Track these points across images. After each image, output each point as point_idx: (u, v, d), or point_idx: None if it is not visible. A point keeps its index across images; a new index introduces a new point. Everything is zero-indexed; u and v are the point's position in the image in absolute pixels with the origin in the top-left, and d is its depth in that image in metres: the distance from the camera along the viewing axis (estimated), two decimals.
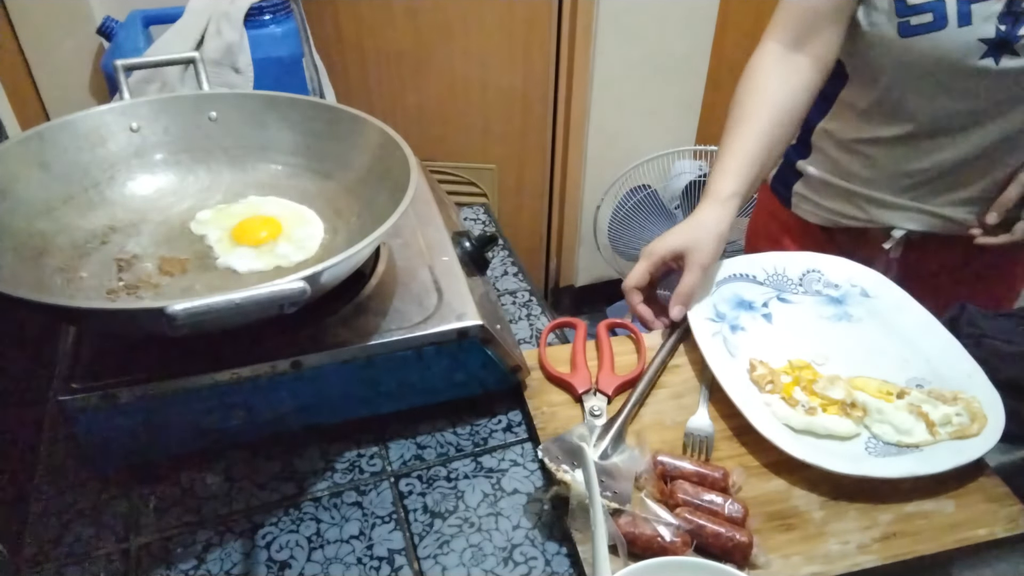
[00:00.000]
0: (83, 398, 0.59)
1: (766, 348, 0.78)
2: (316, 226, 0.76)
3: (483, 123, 2.01)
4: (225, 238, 0.73)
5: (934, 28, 0.78)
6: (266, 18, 1.42)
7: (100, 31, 1.46)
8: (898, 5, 0.80)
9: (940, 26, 0.78)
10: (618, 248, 2.00)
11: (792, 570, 0.60)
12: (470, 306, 0.69)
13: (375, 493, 0.68)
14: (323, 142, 0.81)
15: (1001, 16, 0.76)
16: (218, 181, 0.81)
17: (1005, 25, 0.76)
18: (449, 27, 1.84)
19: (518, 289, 0.96)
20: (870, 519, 0.64)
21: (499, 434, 0.74)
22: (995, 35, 0.77)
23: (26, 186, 0.69)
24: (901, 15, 0.80)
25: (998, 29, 0.76)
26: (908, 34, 0.80)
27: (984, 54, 0.78)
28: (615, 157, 2.00)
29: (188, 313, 0.48)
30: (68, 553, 0.63)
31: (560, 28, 1.85)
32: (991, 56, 0.78)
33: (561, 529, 0.65)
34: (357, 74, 1.90)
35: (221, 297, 0.49)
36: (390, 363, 0.67)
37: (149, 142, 0.79)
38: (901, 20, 0.80)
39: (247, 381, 0.63)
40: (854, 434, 0.70)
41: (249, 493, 0.68)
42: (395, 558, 0.63)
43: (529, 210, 2.19)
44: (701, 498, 0.63)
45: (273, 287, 0.51)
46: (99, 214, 0.74)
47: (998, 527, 0.63)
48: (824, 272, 0.85)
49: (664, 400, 0.75)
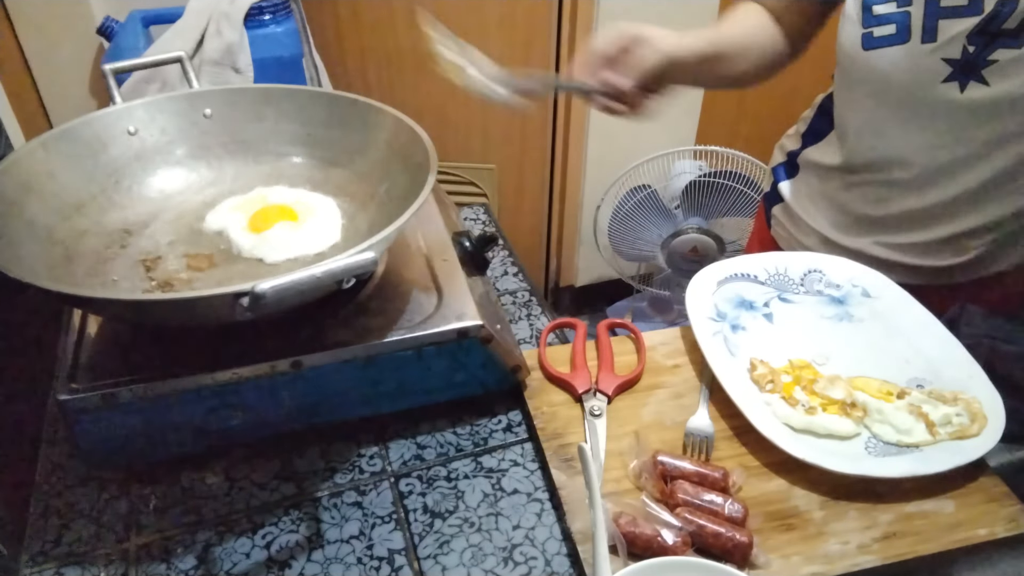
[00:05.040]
0: (83, 398, 0.59)
1: (767, 348, 0.78)
2: (332, 211, 0.77)
3: (483, 123, 2.00)
4: (244, 230, 0.74)
5: (895, 41, 0.71)
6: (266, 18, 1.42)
7: (100, 31, 1.46)
8: (864, 15, 0.73)
9: (902, 39, 0.71)
10: (618, 248, 2.00)
11: (792, 570, 0.60)
12: (470, 306, 0.69)
13: (375, 493, 0.68)
14: (325, 130, 0.81)
15: (971, 35, 0.68)
16: (222, 176, 0.82)
17: (975, 46, 0.68)
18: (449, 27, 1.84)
19: (518, 289, 0.96)
20: (870, 519, 0.64)
21: (499, 434, 0.74)
22: (961, 55, 0.68)
23: (39, 197, 0.69)
24: (866, 25, 0.73)
25: (965, 50, 0.68)
26: (870, 47, 0.73)
27: (947, 77, 0.70)
28: (615, 157, 1.99)
29: (276, 290, 0.49)
30: (68, 553, 0.63)
31: (560, 28, 1.85)
32: (955, 80, 0.70)
33: (561, 529, 0.65)
34: (357, 74, 1.90)
35: (303, 273, 0.51)
36: (390, 363, 0.67)
37: (148, 144, 0.80)
38: (865, 31, 0.73)
39: (247, 381, 0.63)
40: (854, 434, 0.70)
41: (249, 493, 0.68)
42: (395, 558, 0.63)
43: (529, 210, 2.19)
44: (701, 498, 0.63)
45: (348, 259, 0.53)
46: (112, 219, 0.75)
47: (998, 527, 0.63)
48: (825, 272, 0.85)
49: (664, 400, 0.75)
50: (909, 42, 0.71)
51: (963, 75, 0.70)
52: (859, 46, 0.75)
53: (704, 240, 1.87)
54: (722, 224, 1.91)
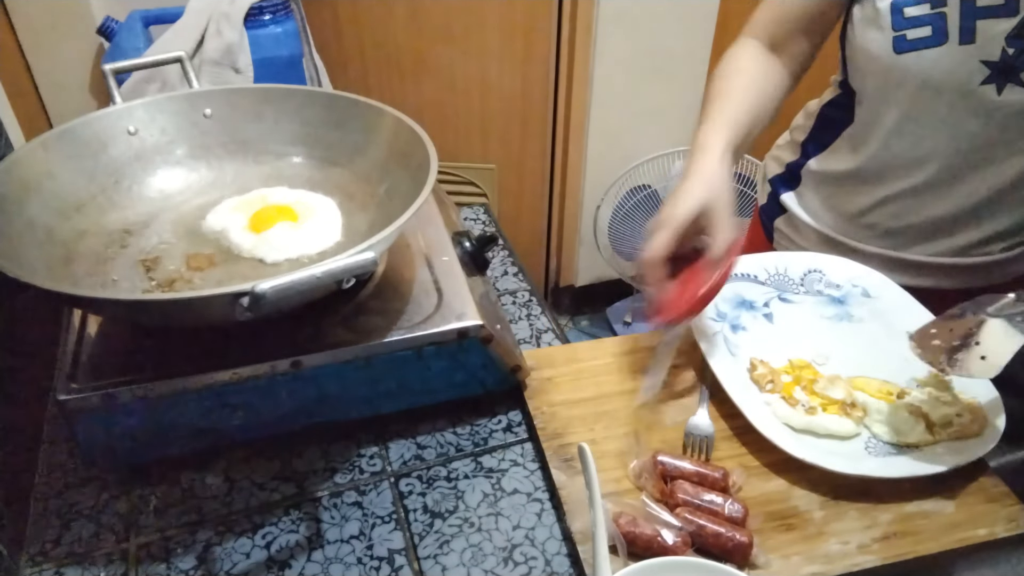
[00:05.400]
0: (83, 398, 0.59)
1: (767, 348, 0.78)
2: (332, 211, 0.77)
3: (483, 123, 2.01)
4: (244, 230, 0.74)
5: (932, 44, 0.71)
6: (266, 18, 1.42)
7: (100, 31, 1.46)
8: (894, 18, 0.72)
9: (939, 41, 0.70)
10: (618, 248, 2.00)
11: (792, 570, 0.60)
12: (470, 306, 0.69)
13: (375, 493, 0.68)
14: (325, 130, 0.81)
15: (1010, 38, 0.67)
16: (222, 176, 0.82)
17: (1013, 48, 0.68)
18: (449, 27, 1.84)
19: (518, 289, 0.96)
20: (870, 519, 0.64)
21: (499, 434, 0.74)
22: (1000, 57, 0.68)
23: (39, 197, 0.69)
24: (897, 28, 0.72)
25: (1005, 51, 0.68)
26: (903, 50, 0.72)
27: (986, 79, 0.70)
28: (615, 157, 1.99)
29: (276, 291, 0.49)
30: (68, 553, 0.63)
31: (560, 28, 1.85)
32: (993, 82, 0.70)
33: (561, 529, 0.65)
34: (357, 74, 1.90)
35: (303, 273, 0.51)
36: (390, 363, 0.67)
37: (148, 144, 0.80)
38: (896, 34, 0.72)
39: (247, 381, 0.63)
40: (854, 434, 0.70)
41: (249, 493, 0.68)
42: (395, 558, 0.63)
43: (529, 210, 2.19)
44: (701, 498, 0.63)
45: (348, 259, 0.53)
46: (112, 219, 0.75)
47: (998, 527, 0.63)
48: (825, 272, 0.85)
49: (664, 400, 0.75)
50: (947, 44, 0.70)
51: (1001, 77, 0.70)
52: (890, 50, 0.73)
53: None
54: None
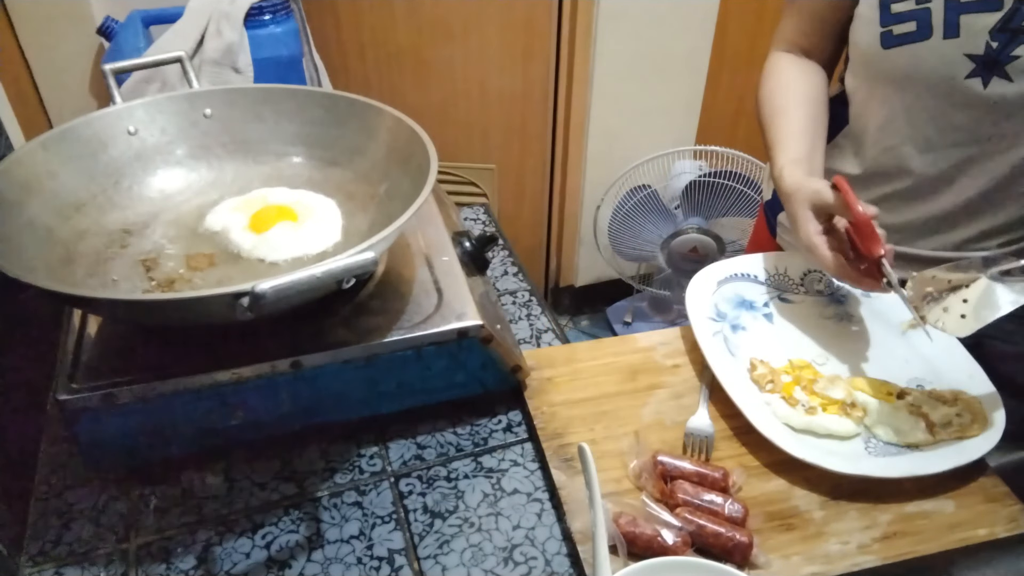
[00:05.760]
0: (83, 398, 0.59)
1: (767, 348, 0.78)
2: (332, 211, 0.77)
3: (483, 123, 2.00)
4: (244, 229, 0.74)
5: (917, 38, 0.72)
6: (266, 18, 1.42)
7: (100, 31, 1.46)
8: (882, 14, 0.73)
9: (924, 36, 0.71)
10: (618, 248, 2.00)
11: (792, 570, 0.60)
12: (470, 306, 0.69)
13: (375, 493, 0.68)
14: (324, 130, 0.81)
15: (994, 32, 0.68)
16: (222, 176, 0.82)
17: (997, 42, 0.68)
18: (449, 27, 1.84)
19: (518, 289, 0.96)
20: (870, 519, 0.64)
21: (499, 434, 0.74)
22: (984, 51, 0.69)
23: (39, 197, 0.69)
24: (884, 24, 0.73)
25: (989, 45, 0.69)
26: (890, 45, 0.74)
27: (971, 73, 0.71)
28: (615, 157, 1.99)
29: (276, 291, 0.49)
30: (68, 553, 0.63)
31: (560, 28, 1.85)
32: (978, 75, 0.70)
33: (561, 529, 0.65)
34: (357, 74, 1.90)
35: (303, 273, 0.51)
36: (390, 363, 0.67)
37: (148, 144, 0.80)
38: (884, 30, 0.74)
39: (247, 381, 0.63)
40: (854, 434, 0.70)
41: (249, 493, 0.68)
42: (395, 558, 0.63)
43: (529, 210, 2.19)
44: (701, 498, 0.63)
45: (348, 259, 0.53)
46: (112, 219, 0.75)
47: (998, 527, 0.63)
48: (825, 272, 0.85)
49: (664, 400, 0.75)
50: (931, 38, 0.71)
51: (986, 71, 0.70)
52: (878, 45, 0.75)
53: (704, 240, 1.88)
54: (722, 224, 1.91)
